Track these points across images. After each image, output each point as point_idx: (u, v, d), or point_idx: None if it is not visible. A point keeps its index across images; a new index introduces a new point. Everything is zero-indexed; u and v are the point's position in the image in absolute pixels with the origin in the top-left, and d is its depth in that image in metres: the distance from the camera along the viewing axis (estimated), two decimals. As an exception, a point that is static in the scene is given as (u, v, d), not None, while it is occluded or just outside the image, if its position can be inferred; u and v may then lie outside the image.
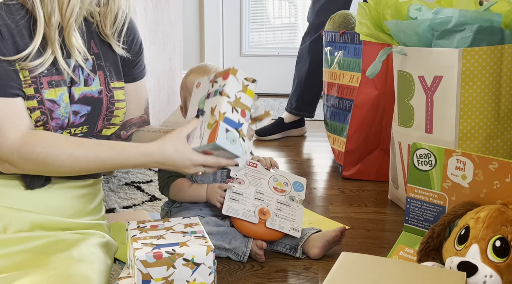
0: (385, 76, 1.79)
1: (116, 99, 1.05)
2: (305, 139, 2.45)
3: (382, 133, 1.84)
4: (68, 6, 0.93)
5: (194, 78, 1.33)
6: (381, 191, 1.77)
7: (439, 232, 1.08)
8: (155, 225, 0.97)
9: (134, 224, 0.98)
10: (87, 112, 1.01)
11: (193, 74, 1.35)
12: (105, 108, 1.03)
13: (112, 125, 1.06)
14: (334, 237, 1.30)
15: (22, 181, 0.97)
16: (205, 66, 1.35)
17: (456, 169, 1.14)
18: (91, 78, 1.02)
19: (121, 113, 1.07)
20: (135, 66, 1.13)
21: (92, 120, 1.02)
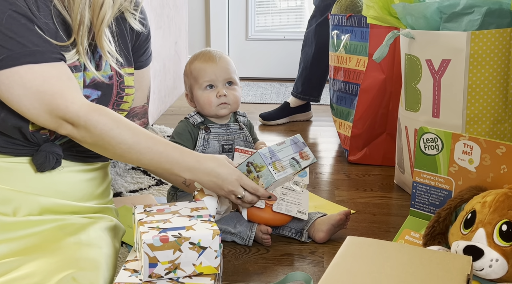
0: (392, 60, 1.78)
1: (126, 85, 1.05)
2: (311, 124, 2.45)
3: (389, 118, 1.84)
4: (100, 12, 0.92)
5: (199, 65, 1.33)
6: (387, 176, 1.77)
7: (445, 216, 1.08)
8: (161, 209, 0.97)
9: (140, 208, 0.98)
10: (97, 97, 1.01)
11: (198, 61, 1.34)
12: (115, 94, 1.03)
13: (120, 111, 1.06)
14: (338, 220, 1.30)
15: (31, 164, 0.97)
16: (209, 52, 1.35)
17: (463, 153, 1.13)
18: (102, 63, 1.02)
19: (130, 99, 1.07)
20: (143, 53, 1.12)
21: (102, 105, 1.02)
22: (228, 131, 1.37)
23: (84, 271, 0.85)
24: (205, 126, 1.36)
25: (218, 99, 1.33)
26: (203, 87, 1.33)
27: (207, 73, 1.32)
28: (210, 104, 1.33)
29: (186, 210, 0.97)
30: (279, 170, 1.08)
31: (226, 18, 3.40)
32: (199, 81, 1.33)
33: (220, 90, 1.33)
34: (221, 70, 1.33)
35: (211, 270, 0.90)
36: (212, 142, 1.35)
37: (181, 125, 1.37)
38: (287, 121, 2.44)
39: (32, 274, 0.82)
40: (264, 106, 2.71)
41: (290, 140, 1.13)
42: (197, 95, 1.34)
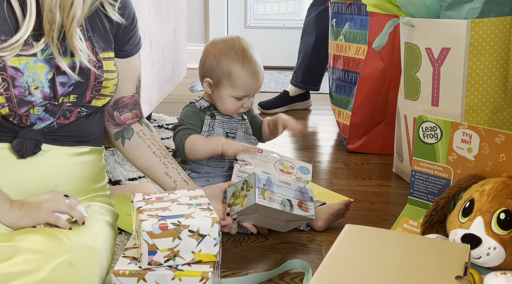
0: (391, 49, 1.77)
1: (105, 70, 1.03)
2: (310, 112, 2.44)
3: (388, 107, 1.84)
4: (70, 11, 0.92)
5: (244, 76, 1.30)
6: (386, 164, 1.77)
7: (444, 205, 1.08)
8: (160, 197, 0.98)
9: (139, 196, 0.98)
10: (74, 82, 1.00)
11: (243, 69, 1.30)
12: (93, 79, 1.02)
13: (102, 96, 1.05)
14: (338, 210, 1.30)
15: (13, 151, 0.97)
16: (255, 64, 1.31)
17: (462, 142, 1.13)
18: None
19: (111, 84, 1.05)
20: (127, 42, 1.11)
21: (81, 91, 1.01)
22: (232, 120, 1.38)
23: (80, 256, 0.85)
24: (211, 112, 1.36)
25: (241, 108, 1.36)
26: (237, 97, 1.34)
27: (248, 89, 1.33)
28: (233, 110, 1.36)
29: (185, 198, 0.97)
30: (265, 198, 1.08)
31: (225, 6, 3.38)
32: (236, 90, 1.32)
33: (247, 102, 1.35)
34: (258, 88, 1.35)
35: (210, 257, 0.90)
36: (217, 129, 1.35)
37: (189, 108, 1.37)
38: (286, 110, 2.44)
39: (29, 260, 0.82)
40: (263, 94, 2.70)
41: (298, 187, 1.14)
42: (225, 97, 1.34)
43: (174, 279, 0.88)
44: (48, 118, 1.00)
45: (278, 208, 1.11)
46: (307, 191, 1.15)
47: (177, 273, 0.89)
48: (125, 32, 1.09)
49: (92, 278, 0.84)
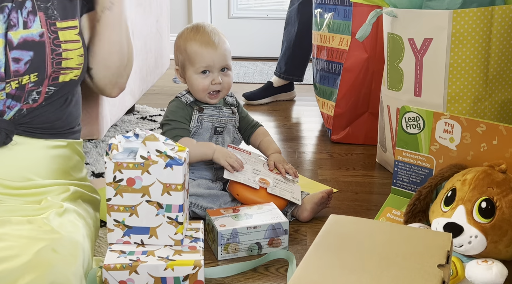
0: (375, 39, 1.78)
1: (62, 41, 0.98)
2: (294, 103, 2.44)
3: (371, 97, 1.84)
4: None
5: (197, 48, 1.30)
6: (369, 155, 1.78)
7: (426, 194, 1.09)
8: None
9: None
10: (30, 58, 0.94)
11: (195, 43, 1.30)
12: (50, 52, 0.96)
13: (68, 70, 0.99)
14: (321, 198, 1.31)
15: None
16: (208, 34, 1.31)
17: (444, 132, 1.14)
18: (31, 19, 0.95)
19: (75, 55, 0.99)
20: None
21: (39, 67, 0.95)
22: (221, 114, 1.37)
23: (64, 244, 0.84)
24: (199, 107, 1.35)
25: (212, 86, 1.32)
26: (199, 72, 1.32)
27: (204, 59, 1.30)
28: (204, 90, 1.33)
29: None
30: (229, 252, 1.12)
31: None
32: (195, 65, 1.31)
33: (215, 77, 1.32)
34: (219, 57, 1.31)
35: None
36: (205, 123, 1.34)
37: (174, 104, 1.35)
38: (270, 101, 2.43)
39: (12, 246, 0.81)
40: (247, 86, 2.69)
41: (270, 226, 1.15)
42: (191, 78, 1.33)
43: (166, 270, 0.89)
44: (15, 105, 0.96)
45: (244, 254, 1.14)
46: (280, 226, 1.15)
47: (169, 263, 0.89)
48: None
49: (74, 265, 0.82)
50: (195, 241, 0.98)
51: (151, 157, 0.91)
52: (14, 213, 0.91)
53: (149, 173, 0.90)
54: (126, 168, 0.90)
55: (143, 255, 0.91)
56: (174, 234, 0.94)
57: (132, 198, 0.91)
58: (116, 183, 0.90)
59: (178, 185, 0.92)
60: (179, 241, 0.95)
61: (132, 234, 0.93)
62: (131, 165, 0.90)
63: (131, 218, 0.92)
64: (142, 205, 0.92)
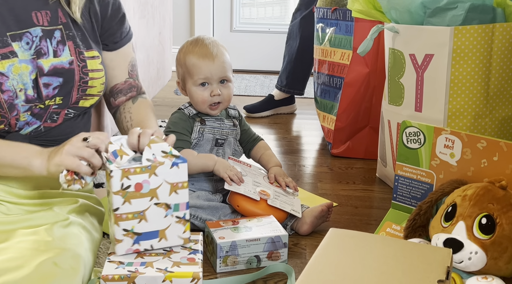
0: (376, 54, 1.78)
1: (89, 69, 1.03)
2: (295, 117, 2.44)
3: (372, 112, 1.84)
4: None
5: (195, 60, 1.30)
6: (370, 169, 1.78)
7: (426, 209, 1.09)
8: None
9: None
10: (59, 84, 0.99)
11: (193, 55, 1.31)
12: (78, 79, 1.01)
13: (89, 96, 1.04)
14: (320, 211, 1.31)
15: None
16: (206, 46, 1.32)
17: (445, 147, 1.14)
18: (61, 49, 1.00)
19: (98, 84, 1.05)
20: (115, 33, 1.10)
21: (66, 92, 1.00)
22: (223, 126, 1.37)
23: (65, 257, 0.85)
24: (201, 118, 1.35)
25: (211, 98, 1.32)
26: (197, 84, 1.32)
27: (202, 71, 1.31)
28: (203, 102, 1.33)
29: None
30: (228, 264, 1.12)
31: (211, 9, 3.37)
32: (194, 77, 1.32)
33: (214, 89, 1.32)
34: (217, 69, 1.31)
35: None
36: (206, 135, 1.34)
37: (177, 116, 1.36)
38: (271, 114, 2.43)
39: (14, 258, 0.82)
40: (248, 98, 2.70)
41: (270, 238, 1.14)
42: (191, 90, 1.34)
43: (165, 281, 0.88)
44: (35, 122, 1.00)
45: (243, 268, 1.13)
46: (279, 239, 1.15)
47: (167, 275, 0.89)
48: (111, 24, 1.08)
49: (75, 279, 0.83)
50: (194, 253, 0.97)
51: (157, 159, 0.91)
52: (19, 224, 0.92)
53: (156, 175, 0.90)
54: (134, 173, 0.89)
55: (142, 266, 0.91)
56: (183, 232, 0.94)
57: (141, 203, 0.91)
58: (124, 190, 0.90)
59: (185, 182, 0.92)
60: (187, 239, 0.95)
61: (141, 241, 0.93)
62: (138, 170, 0.89)
63: (140, 224, 0.92)
64: (151, 209, 0.91)
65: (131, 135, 0.94)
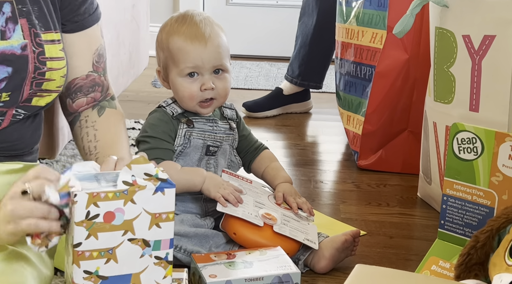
0: (418, 36, 1.79)
1: (48, 57, 1.02)
2: (310, 117, 2.45)
3: (412, 111, 1.85)
4: None
5: (181, 43, 1.30)
6: (409, 187, 1.78)
7: (485, 241, 1.08)
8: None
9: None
10: (7, 75, 0.98)
11: (180, 37, 1.30)
12: (33, 69, 1.00)
13: (45, 93, 1.04)
14: (343, 242, 1.31)
15: None
16: (196, 24, 1.31)
17: (510, 159, 1.14)
18: (10, 29, 0.99)
19: (58, 76, 1.04)
20: (77, 10, 1.10)
21: (15, 85, 0.99)
22: (216, 129, 1.37)
23: None
24: (187, 119, 1.35)
25: (202, 93, 1.32)
26: (184, 74, 1.32)
27: (191, 57, 1.31)
28: (191, 98, 1.33)
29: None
30: None
31: (201, -24, 3.39)
32: (179, 65, 1.32)
33: (206, 81, 1.32)
34: (210, 55, 1.31)
35: None
36: (194, 140, 1.34)
37: (156, 116, 1.36)
38: (279, 113, 2.44)
39: None
40: (249, 93, 2.70)
41: (276, 277, 1.15)
42: (175, 82, 1.33)
43: None
44: None
45: None
46: (289, 278, 1.15)
47: None
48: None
49: None
50: (176, 298, 0.97)
51: (137, 181, 0.90)
52: None
53: (133, 202, 0.90)
54: (105, 199, 0.88)
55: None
56: (163, 277, 0.94)
57: (111, 238, 0.90)
58: (89, 220, 0.89)
59: (170, 213, 0.92)
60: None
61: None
62: (111, 194, 0.88)
63: (108, 266, 0.91)
64: (123, 246, 0.91)
65: (106, 165, 0.93)
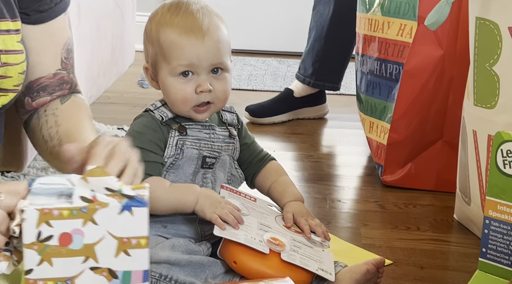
0: (455, 28, 1.79)
1: (3, 50, 1.03)
2: (325, 124, 2.45)
3: (447, 117, 1.85)
4: None
5: (174, 36, 1.30)
6: (443, 207, 1.78)
7: (535, 273, 1.08)
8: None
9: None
10: None
11: (173, 29, 1.30)
12: None
13: (1, 92, 1.04)
14: (365, 273, 1.30)
15: None
16: (193, 14, 1.29)
17: None
18: None
19: (15, 73, 1.04)
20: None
21: None
22: (213, 137, 1.37)
23: None
24: (179, 125, 1.34)
25: (197, 96, 1.32)
26: (177, 73, 1.32)
27: (185, 54, 1.30)
28: (184, 101, 1.32)
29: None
30: None
31: (197, -43, 3.40)
32: (171, 62, 1.31)
33: (202, 82, 1.31)
34: (207, 51, 1.31)
35: None
36: (188, 151, 1.34)
37: (142, 122, 1.35)
38: (289, 119, 2.44)
39: None
40: (253, 94, 2.71)
41: None
42: (166, 82, 1.33)
43: None
44: None
45: None
46: None
47: None
48: None
49: None
50: None
51: (97, 198, 0.90)
52: None
53: (95, 223, 0.89)
54: (58, 218, 0.88)
55: None
56: None
57: (68, 266, 0.89)
58: (41, 242, 0.88)
59: (142, 238, 0.91)
60: None
61: None
62: (66, 212, 0.88)
63: None
64: (85, 276, 0.90)
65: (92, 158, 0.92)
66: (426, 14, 1.69)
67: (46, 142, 1.14)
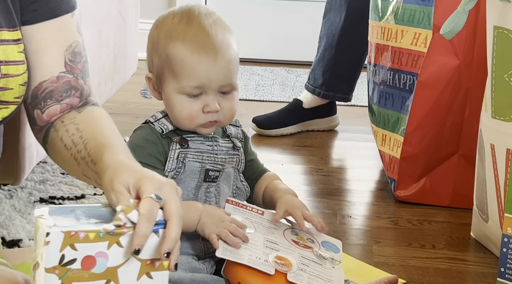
0: (472, 37, 1.78)
1: (3, 61, 1.03)
2: (336, 136, 2.46)
3: (464, 130, 1.85)
4: None
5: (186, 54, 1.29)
6: (460, 224, 1.78)
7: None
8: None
9: None
10: None
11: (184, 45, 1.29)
12: None
13: (1, 105, 1.04)
14: (378, 293, 1.30)
15: None
16: (207, 34, 1.27)
17: None
18: None
19: (16, 84, 1.04)
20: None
21: None
22: (216, 149, 1.36)
23: None
24: (181, 138, 1.34)
25: (204, 115, 1.32)
26: (184, 92, 1.32)
27: (196, 74, 1.30)
28: (190, 119, 1.32)
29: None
30: None
31: (203, -38, 3.41)
32: (181, 81, 1.31)
33: (210, 102, 1.31)
34: (219, 72, 1.31)
35: None
36: (190, 164, 1.33)
37: (141, 135, 1.35)
38: (298, 130, 2.44)
39: None
40: (260, 105, 2.71)
41: None
42: (171, 97, 1.33)
43: None
44: None
45: None
46: None
47: None
48: None
49: None
50: None
51: (127, 224, 0.90)
52: None
53: (120, 245, 0.89)
54: (84, 240, 0.88)
55: None
56: None
57: None
58: (63, 266, 0.88)
59: (165, 260, 0.91)
60: None
61: None
62: (92, 235, 0.88)
63: None
64: None
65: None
66: (442, 22, 1.69)
67: (70, 148, 1.13)
